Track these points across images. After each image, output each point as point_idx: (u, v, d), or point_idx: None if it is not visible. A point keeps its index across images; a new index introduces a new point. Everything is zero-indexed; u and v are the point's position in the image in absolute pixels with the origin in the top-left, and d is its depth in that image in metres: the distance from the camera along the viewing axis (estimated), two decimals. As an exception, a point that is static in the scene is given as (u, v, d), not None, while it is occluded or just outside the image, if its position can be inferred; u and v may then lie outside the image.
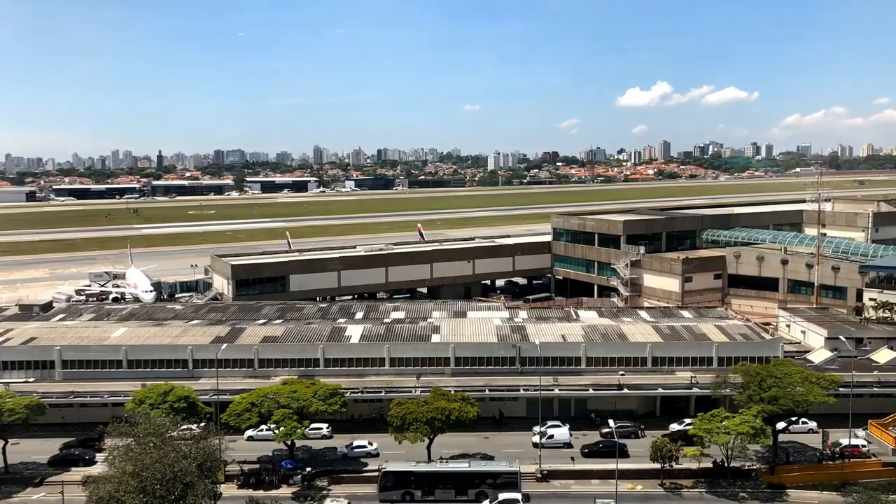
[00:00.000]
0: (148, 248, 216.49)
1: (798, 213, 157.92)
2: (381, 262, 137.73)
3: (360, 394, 79.50)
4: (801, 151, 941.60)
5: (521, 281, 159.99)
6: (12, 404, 68.67)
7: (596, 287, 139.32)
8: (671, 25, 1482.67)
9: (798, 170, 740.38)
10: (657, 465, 66.73)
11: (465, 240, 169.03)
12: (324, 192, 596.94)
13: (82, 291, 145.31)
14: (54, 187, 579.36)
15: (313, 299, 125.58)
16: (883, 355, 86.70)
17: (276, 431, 67.45)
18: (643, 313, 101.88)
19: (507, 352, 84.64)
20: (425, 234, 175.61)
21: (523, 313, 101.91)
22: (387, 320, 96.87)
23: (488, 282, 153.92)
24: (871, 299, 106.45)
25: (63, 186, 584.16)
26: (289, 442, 69.04)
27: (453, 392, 72.75)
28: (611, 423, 67.68)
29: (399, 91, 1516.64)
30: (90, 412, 79.52)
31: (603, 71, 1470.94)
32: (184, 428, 61.30)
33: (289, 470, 68.31)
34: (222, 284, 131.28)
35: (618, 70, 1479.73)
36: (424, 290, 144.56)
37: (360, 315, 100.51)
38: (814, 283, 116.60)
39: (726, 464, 67.20)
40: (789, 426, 70.96)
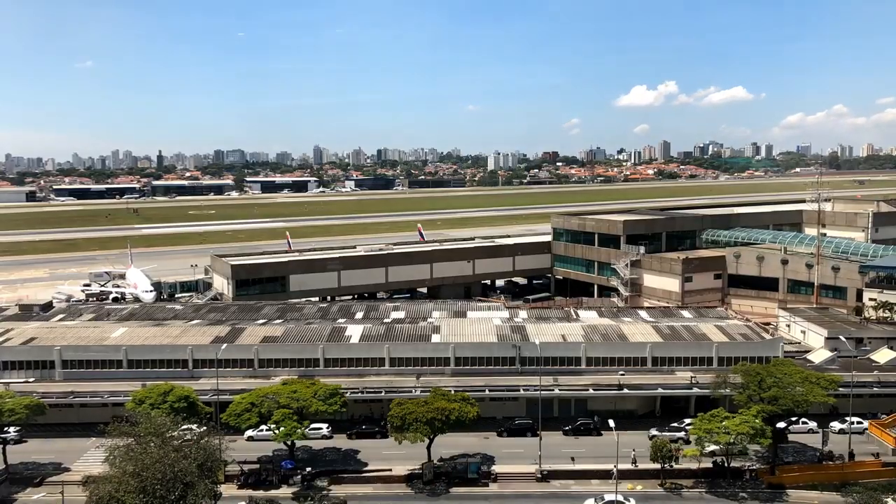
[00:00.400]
0: (148, 248, 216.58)
1: (798, 213, 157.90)
2: (381, 262, 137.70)
3: (360, 394, 79.50)
4: (800, 151, 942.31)
5: (522, 281, 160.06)
6: (12, 404, 68.70)
7: (596, 287, 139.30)
8: (671, 25, 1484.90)
9: (798, 170, 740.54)
10: (657, 465, 66.77)
11: (465, 240, 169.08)
12: (324, 192, 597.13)
13: (87, 291, 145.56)
14: (54, 187, 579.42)
15: (315, 299, 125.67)
16: (883, 355, 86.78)
17: (276, 431, 67.45)
18: (643, 313, 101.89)
19: (507, 352, 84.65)
20: (425, 234, 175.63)
21: (523, 313, 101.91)
22: (387, 320, 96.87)
23: (488, 282, 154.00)
24: (871, 299, 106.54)
25: (63, 186, 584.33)
26: (289, 442, 69.03)
27: (453, 392, 72.73)
28: None
29: (399, 91, 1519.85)
30: (90, 412, 79.54)
31: (603, 71, 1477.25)
32: (184, 428, 61.28)
33: (289, 470, 68.30)
34: (222, 284, 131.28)
35: (618, 70, 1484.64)
36: (424, 290, 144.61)
37: (360, 315, 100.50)
38: (814, 283, 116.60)
39: (726, 464, 67.24)
40: (789, 426, 70.95)
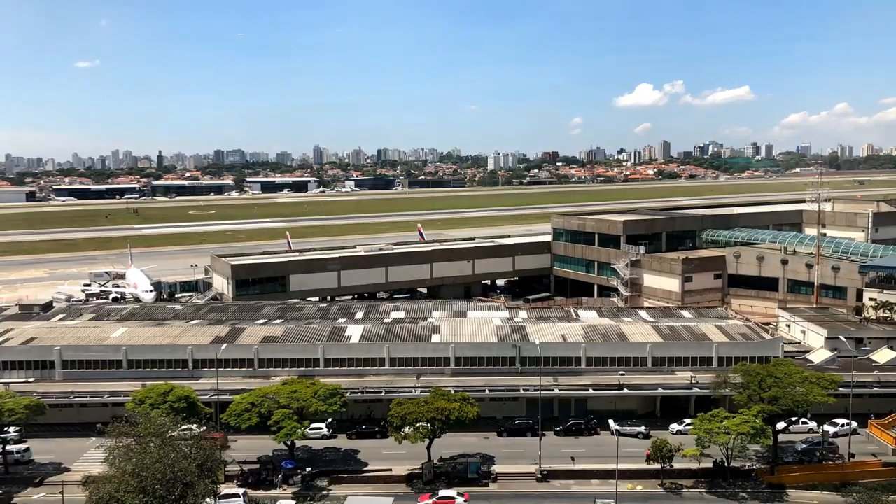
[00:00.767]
0: (148, 248, 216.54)
1: (798, 213, 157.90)
2: (381, 262, 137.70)
3: (360, 394, 79.50)
4: (800, 151, 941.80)
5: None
6: (12, 404, 68.70)
7: (596, 287, 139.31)
8: (672, 26, 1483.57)
9: (798, 170, 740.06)
10: (657, 465, 66.78)
11: (465, 240, 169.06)
12: (324, 192, 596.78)
13: (87, 291, 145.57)
14: (54, 187, 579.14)
15: (315, 299, 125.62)
16: (883, 355, 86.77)
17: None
18: (643, 313, 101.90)
19: (507, 352, 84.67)
20: (425, 234, 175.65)
21: (523, 313, 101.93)
22: (387, 320, 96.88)
23: (488, 282, 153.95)
24: (871, 299, 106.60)
25: (63, 186, 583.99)
26: (289, 442, 69.01)
27: (453, 392, 72.73)
28: None
29: (399, 91, 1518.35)
30: (90, 412, 79.58)
31: (603, 71, 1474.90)
32: (184, 428, 61.27)
33: (289, 470, 68.30)
34: (222, 284, 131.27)
35: (618, 70, 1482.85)
36: (424, 290, 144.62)
37: (360, 315, 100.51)
38: (814, 283, 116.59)
39: (726, 464, 67.25)
40: (789, 426, 70.93)
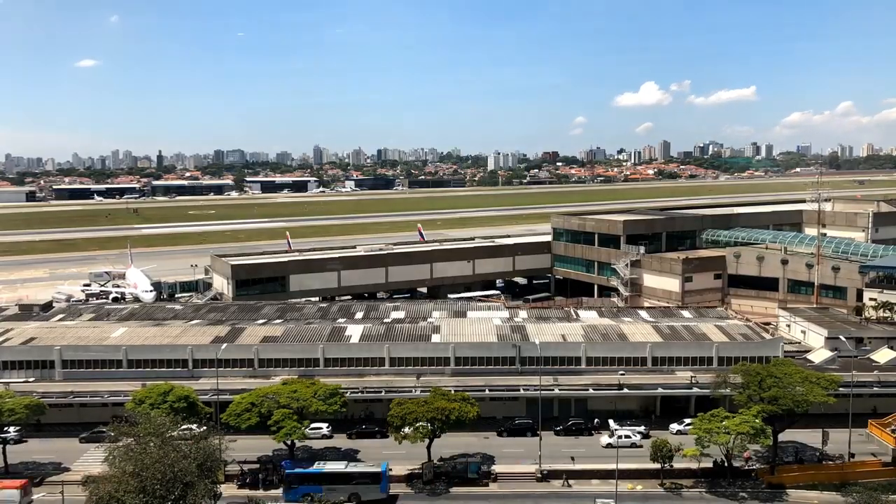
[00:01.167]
0: (148, 248, 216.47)
1: (798, 213, 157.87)
2: (380, 262, 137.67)
3: (360, 394, 79.50)
4: (800, 151, 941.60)
5: (521, 281, 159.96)
6: (12, 404, 68.68)
7: (596, 287, 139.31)
8: (674, 25, 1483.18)
9: (798, 170, 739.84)
10: (657, 465, 66.77)
11: (465, 240, 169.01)
12: (324, 192, 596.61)
13: (87, 290, 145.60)
14: (54, 187, 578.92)
15: (315, 299, 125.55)
16: (883, 355, 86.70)
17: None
18: (643, 313, 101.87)
19: (507, 352, 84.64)
20: (425, 234, 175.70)
21: (523, 313, 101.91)
22: (387, 320, 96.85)
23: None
24: (871, 299, 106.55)
25: (63, 186, 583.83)
26: (289, 442, 68.99)
27: (453, 392, 72.72)
28: None
29: (399, 91, 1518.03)
30: (90, 412, 79.60)
31: (603, 71, 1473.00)
32: (184, 428, 61.24)
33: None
34: (222, 284, 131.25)
35: (618, 70, 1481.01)
36: (424, 290, 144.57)
37: (360, 315, 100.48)
38: (814, 283, 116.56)
39: (726, 464, 67.24)
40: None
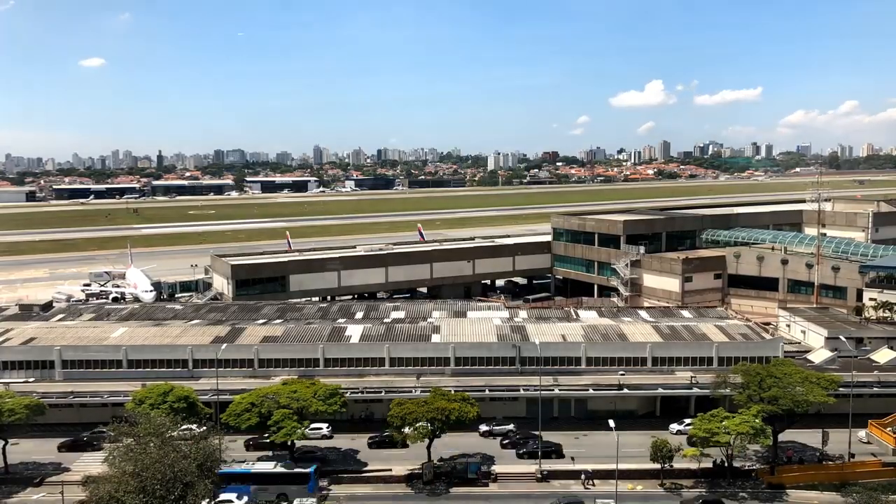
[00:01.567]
0: (148, 248, 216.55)
1: (798, 213, 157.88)
2: (380, 262, 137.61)
3: (360, 394, 79.49)
4: (800, 151, 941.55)
5: (521, 281, 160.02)
6: (12, 404, 68.64)
7: (596, 287, 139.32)
8: (673, 26, 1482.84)
9: (798, 170, 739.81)
10: (657, 465, 66.78)
11: (465, 240, 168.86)
12: (324, 192, 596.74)
13: (87, 290, 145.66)
14: (54, 187, 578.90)
15: (315, 299, 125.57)
16: (883, 355, 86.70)
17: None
18: (643, 313, 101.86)
19: (507, 352, 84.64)
20: (425, 234, 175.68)
21: (523, 313, 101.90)
22: (387, 320, 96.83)
23: (488, 281, 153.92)
24: (871, 299, 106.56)
25: (63, 186, 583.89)
26: (289, 442, 69.00)
27: (453, 392, 72.69)
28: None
29: (399, 91, 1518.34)
30: (90, 412, 79.59)
31: (603, 71, 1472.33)
32: (184, 428, 61.26)
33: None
34: (222, 284, 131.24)
35: (618, 70, 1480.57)
36: (424, 290, 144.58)
37: (360, 315, 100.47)
38: (814, 283, 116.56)
39: (726, 464, 67.23)
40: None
